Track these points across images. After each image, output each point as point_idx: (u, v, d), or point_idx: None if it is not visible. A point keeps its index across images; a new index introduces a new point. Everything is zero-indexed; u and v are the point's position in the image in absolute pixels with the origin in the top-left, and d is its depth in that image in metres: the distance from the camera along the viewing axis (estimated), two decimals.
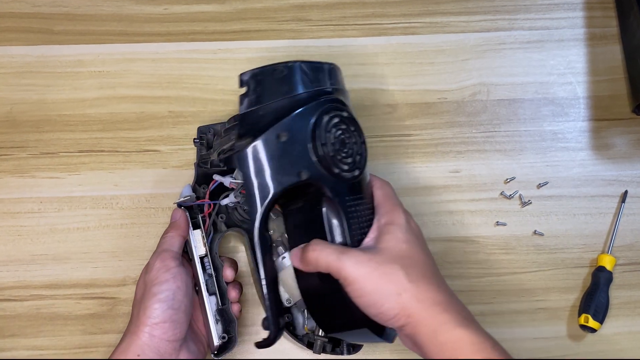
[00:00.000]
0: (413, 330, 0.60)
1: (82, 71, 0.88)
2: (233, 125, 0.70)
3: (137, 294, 0.72)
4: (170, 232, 0.73)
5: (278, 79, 0.68)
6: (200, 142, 0.77)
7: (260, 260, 0.69)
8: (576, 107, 0.89)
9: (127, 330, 0.69)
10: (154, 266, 0.69)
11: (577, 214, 0.85)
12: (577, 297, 0.83)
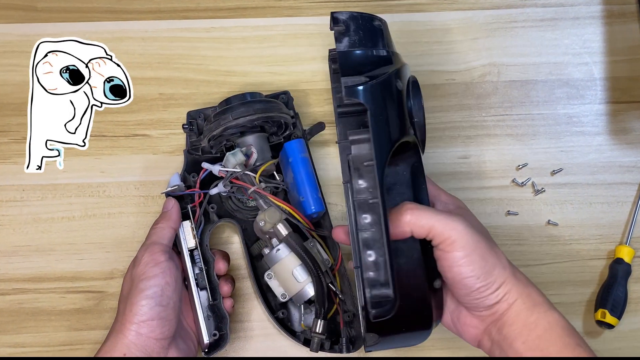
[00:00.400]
0: (505, 307, 0.60)
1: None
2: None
3: (123, 289, 0.69)
4: (160, 223, 0.71)
5: (375, 30, 0.66)
6: (189, 127, 0.76)
7: (382, 215, 0.60)
8: (592, 89, 0.86)
9: (112, 328, 0.67)
10: (142, 260, 0.67)
11: (594, 202, 0.83)
12: (593, 291, 0.81)
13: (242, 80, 0.85)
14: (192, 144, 0.76)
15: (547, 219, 0.82)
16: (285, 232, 0.70)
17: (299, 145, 0.75)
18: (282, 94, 0.78)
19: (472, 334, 0.64)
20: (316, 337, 0.69)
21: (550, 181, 0.83)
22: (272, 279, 0.73)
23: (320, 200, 0.74)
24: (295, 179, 0.74)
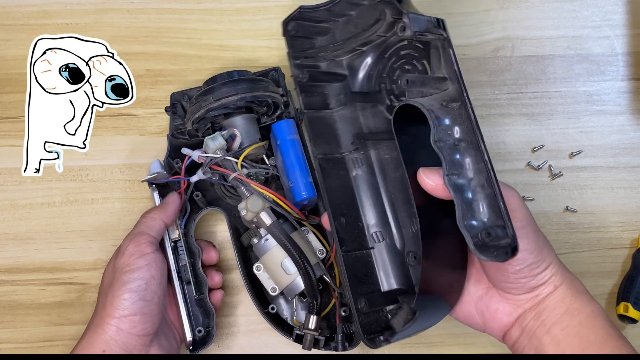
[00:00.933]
0: (549, 290, 0.59)
1: (48, 23, 0.81)
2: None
3: (104, 280, 0.67)
4: (152, 213, 0.69)
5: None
6: (173, 110, 0.73)
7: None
8: (614, 65, 0.83)
9: (91, 322, 0.64)
10: (127, 250, 0.65)
11: (616, 187, 0.80)
12: (615, 283, 0.78)
13: (236, 55, 0.81)
14: (177, 128, 0.73)
15: (565, 205, 0.80)
16: (269, 221, 0.67)
17: (287, 125, 0.72)
18: (272, 71, 0.75)
19: (502, 323, 0.62)
20: (309, 333, 0.68)
21: (569, 164, 0.81)
22: (261, 271, 0.71)
23: (311, 185, 0.71)
24: (284, 163, 0.71)
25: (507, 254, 0.53)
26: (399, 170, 0.69)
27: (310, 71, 0.72)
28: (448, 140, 0.57)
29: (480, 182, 0.56)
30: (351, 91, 0.73)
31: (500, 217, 0.54)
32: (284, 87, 0.74)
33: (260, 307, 0.71)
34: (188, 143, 0.73)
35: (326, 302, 0.71)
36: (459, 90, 0.57)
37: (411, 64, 0.67)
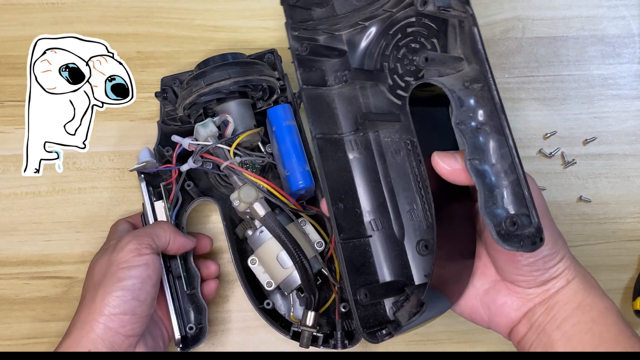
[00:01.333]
0: (562, 284, 0.58)
1: (33, 3, 0.81)
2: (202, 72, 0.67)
3: (94, 273, 0.65)
4: (166, 225, 0.68)
5: None
6: (163, 95, 0.71)
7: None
8: (630, 47, 0.82)
9: (77, 317, 0.63)
10: (127, 246, 0.63)
11: (632, 175, 0.79)
12: (631, 277, 0.77)
13: (232, 36, 0.80)
14: (168, 114, 0.72)
15: (578, 195, 0.79)
16: (262, 212, 0.65)
17: (283, 111, 0.70)
18: (268, 53, 0.73)
19: (509, 318, 0.60)
20: (307, 330, 0.66)
21: (583, 151, 0.80)
22: (256, 265, 0.69)
23: (308, 173, 0.69)
24: (280, 150, 0.69)
25: (534, 244, 0.50)
26: (400, 154, 0.67)
27: (310, 44, 0.69)
28: (470, 122, 0.54)
29: (503, 168, 0.53)
30: (351, 68, 0.70)
31: (524, 205, 0.52)
32: (281, 70, 0.73)
33: (256, 303, 0.69)
34: (180, 130, 0.71)
35: (325, 298, 0.69)
36: (481, 70, 0.54)
37: (419, 42, 0.64)
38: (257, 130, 0.69)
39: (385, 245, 0.68)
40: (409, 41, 0.66)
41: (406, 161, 0.66)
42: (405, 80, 0.66)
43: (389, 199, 0.68)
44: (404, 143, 0.66)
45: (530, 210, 0.51)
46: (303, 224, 0.69)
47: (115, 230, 0.69)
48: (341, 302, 0.68)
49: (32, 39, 0.78)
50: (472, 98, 0.54)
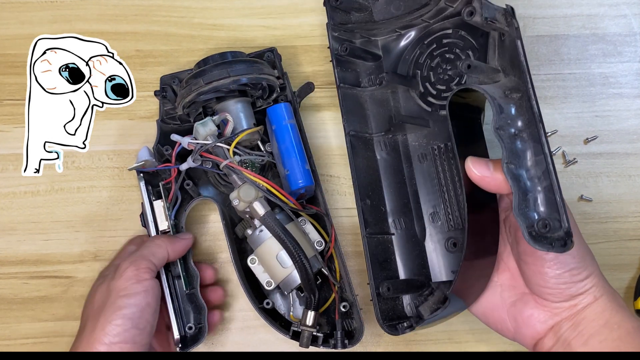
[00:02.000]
0: (589, 301, 0.58)
1: (31, 1, 0.80)
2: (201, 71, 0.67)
3: (94, 300, 0.65)
4: (160, 240, 0.67)
5: None
6: (162, 94, 0.71)
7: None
8: (632, 45, 0.81)
9: (76, 346, 0.62)
10: (125, 273, 0.63)
11: (633, 174, 0.79)
12: (632, 277, 0.76)
13: (231, 35, 0.80)
14: (167, 113, 0.72)
15: (579, 194, 0.78)
16: (262, 212, 0.65)
17: (283, 110, 0.70)
18: (267, 52, 0.73)
19: (534, 330, 0.61)
20: (306, 330, 0.66)
21: (584, 150, 0.79)
22: (256, 264, 0.69)
23: (308, 172, 0.69)
24: (280, 149, 0.69)
25: (565, 245, 0.53)
26: (427, 159, 0.70)
27: (349, 45, 0.71)
28: (509, 129, 0.57)
29: (537, 174, 0.56)
30: (384, 72, 0.72)
31: (555, 210, 0.54)
32: (280, 68, 0.73)
33: (255, 302, 0.69)
34: (179, 129, 0.71)
35: (325, 297, 0.69)
36: (521, 81, 0.57)
37: (454, 53, 0.68)
38: (256, 129, 0.69)
39: (407, 244, 0.70)
40: (443, 51, 0.69)
41: (432, 166, 0.68)
42: (437, 88, 0.69)
43: (412, 200, 0.71)
44: (431, 148, 0.69)
45: (562, 215, 0.53)
46: (303, 223, 0.69)
47: (125, 250, 0.70)
48: (341, 302, 0.68)
49: (31, 38, 0.78)
50: (512, 106, 0.57)
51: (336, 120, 0.77)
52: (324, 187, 0.75)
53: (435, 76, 0.70)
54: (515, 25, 0.57)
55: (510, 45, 0.58)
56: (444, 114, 0.67)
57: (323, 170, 0.76)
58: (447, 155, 0.68)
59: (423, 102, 0.70)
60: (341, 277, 0.69)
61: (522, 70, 0.56)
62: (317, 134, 0.77)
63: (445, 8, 0.67)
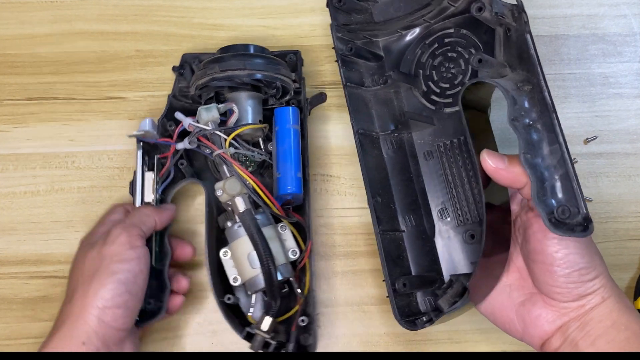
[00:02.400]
0: (597, 301, 0.58)
1: (31, 1, 0.81)
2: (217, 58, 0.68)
3: (85, 267, 0.64)
4: (147, 210, 0.68)
5: None
6: (180, 71, 0.72)
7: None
8: (631, 45, 0.81)
9: (68, 310, 0.62)
10: (119, 239, 0.63)
11: (633, 175, 0.78)
12: (632, 277, 0.75)
13: (231, 34, 0.80)
14: (181, 90, 0.72)
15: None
16: (242, 208, 0.65)
17: (289, 113, 0.70)
18: (291, 54, 0.73)
19: (542, 330, 0.61)
20: (260, 334, 0.65)
21: (584, 150, 0.79)
22: (227, 258, 0.69)
23: (299, 181, 0.69)
24: (277, 151, 0.70)
25: (585, 230, 0.54)
26: (432, 156, 0.70)
27: (354, 45, 0.72)
28: (524, 120, 0.58)
29: (553, 163, 0.57)
30: (387, 72, 0.73)
31: (573, 197, 0.55)
32: (300, 73, 0.73)
33: (218, 295, 0.68)
34: (189, 108, 0.71)
35: (289, 307, 0.69)
36: (531, 74, 0.58)
37: (456, 52, 0.69)
38: (260, 126, 0.69)
39: (417, 241, 0.70)
40: (445, 50, 0.70)
41: (439, 163, 0.70)
42: (440, 86, 0.70)
43: (420, 197, 0.71)
44: (437, 146, 0.70)
45: (579, 202, 0.55)
46: (283, 229, 0.68)
47: (107, 218, 0.69)
48: (302, 315, 0.67)
49: (31, 38, 0.78)
50: (525, 98, 0.58)
51: (336, 120, 0.77)
52: (324, 187, 0.75)
53: (438, 75, 0.70)
54: (524, 20, 0.57)
55: (518, 39, 0.59)
56: (448, 111, 0.68)
57: (323, 170, 0.76)
58: (452, 152, 0.68)
59: (427, 101, 0.71)
60: (309, 291, 0.68)
61: (532, 63, 0.57)
62: (317, 134, 0.76)
63: (447, 7, 0.68)
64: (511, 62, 0.60)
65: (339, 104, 0.77)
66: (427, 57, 0.71)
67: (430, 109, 0.70)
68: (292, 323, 0.67)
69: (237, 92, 0.70)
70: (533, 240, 0.58)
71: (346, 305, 0.73)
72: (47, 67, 0.78)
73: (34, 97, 0.77)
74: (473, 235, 0.68)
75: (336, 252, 0.74)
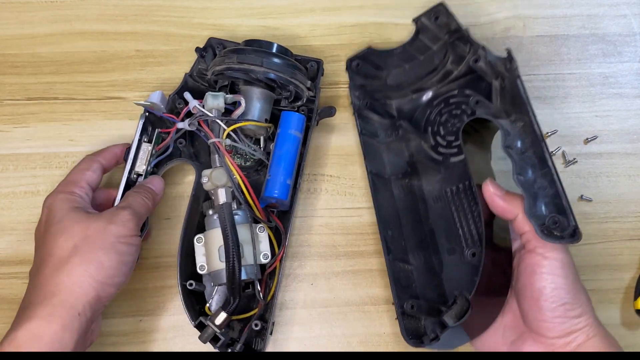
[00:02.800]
0: (582, 339, 0.60)
1: (31, 1, 0.80)
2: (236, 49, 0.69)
3: (82, 232, 0.62)
4: (148, 198, 0.67)
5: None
6: (202, 53, 0.72)
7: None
8: (631, 45, 0.81)
9: (55, 276, 0.60)
10: (128, 224, 0.63)
11: (633, 175, 0.78)
12: (632, 277, 0.75)
13: (231, 35, 0.79)
14: (199, 72, 0.73)
15: (579, 194, 0.77)
16: (222, 200, 0.64)
17: (294, 119, 0.70)
18: (312, 61, 0.73)
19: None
20: (211, 327, 0.64)
21: (584, 150, 0.78)
22: (200, 244, 0.68)
23: (287, 188, 0.68)
24: (274, 154, 0.70)
25: (574, 237, 0.59)
26: (440, 201, 0.72)
27: (370, 102, 0.76)
28: (516, 147, 0.64)
29: (544, 184, 0.62)
30: (399, 129, 0.76)
31: (563, 212, 0.60)
32: (317, 82, 0.72)
33: (182, 278, 0.68)
34: (203, 90, 0.71)
35: (251, 307, 0.69)
36: (523, 115, 0.63)
37: (460, 109, 0.72)
38: (264, 125, 0.69)
39: (425, 274, 0.72)
40: (451, 109, 0.73)
41: (446, 207, 0.71)
42: (447, 139, 0.73)
43: (429, 237, 0.73)
44: (444, 192, 0.72)
45: (568, 216, 0.59)
46: (260, 230, 0.68)
47: (81, 177, 0.67)
48: (259, 319, 0.66)
49: (31, 38, 0.78)
50: (517, 130, 0.64)
51: (336, 120, 0.77)
52: (324, 187, 0.75)
53: (445, 130, 0.73)
54: (515, 66, 0.63)
55: (510, 85, 0.64)
56: (454, 160, 0.71)
57: (323, 170, 0.76)
58: (459, 196, 0.70)
59: (435, 153, 0.73)
60: (273, 297, 0.68)
61: (524, 104, 0.63)
62: (317, 134, 0.76)
63: (451, 71, 0.73)
64: (507, 109, 0.66)
65: (339, 105, 0.77)
66: (435, 116, 0.74)
67: (438, 160, 0.73)
68: (247, 324, 0.67)
69: (250, 87, 0.69)
70: (523, 276, 0.61)
71: (346, 305, 0.72)
72: (47, 67, 0.78)
73: (34, 97, 0.77)
74: (474, 253, 0.69)
75: (336, 252, 0.74)
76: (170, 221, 0.74)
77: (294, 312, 0.72)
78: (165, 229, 0.73)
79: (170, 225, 0.73)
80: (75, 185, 0.66)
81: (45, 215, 0.64)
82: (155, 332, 0.71)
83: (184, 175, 0.75)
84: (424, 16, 0.74)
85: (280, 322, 0.72)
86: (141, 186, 0.68)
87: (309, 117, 0.71)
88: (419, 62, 0.76)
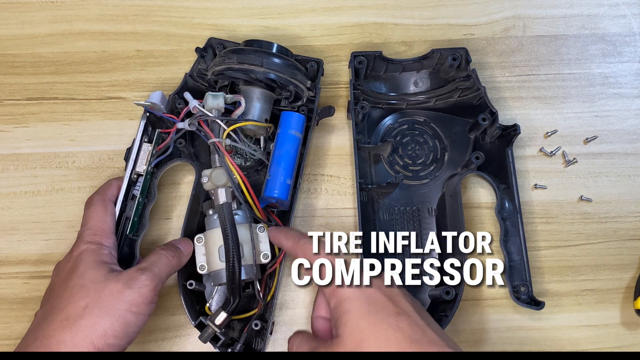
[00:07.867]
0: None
1: (32, 1, 0.81)
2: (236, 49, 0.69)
3: (96, 286, 0.61)
4: (165, 251, 0.66)
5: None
6: (202, 53, 0.72)
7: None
8: (631, 45, 0.81)
9: (57, 319, 0.60)
10: (143, 289, 0.61)
11: (633, 174, 0.78)
12: (632, 276, 0.75)
13: (231, 35, 0.79)
14: (199, 72, 0.73)
15: (579, 194, 0.77)
16: (222, 200, 0.65)
17: (294, 119, 0.70)
18: (313, 61, 0.72)
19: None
20: (211, 327, 0.64)
21: (583, 150, 0.78)
22: (200, 244, 0.68)
23: (287, 188, 0.68)
24: (273, 154, 0.70)
25: (538, 305, 0.68)
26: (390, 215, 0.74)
27: (368, 105, 0.74)
28: (503, 214, 0.71)
29: (517, 250, 0.71)
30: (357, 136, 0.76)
31: (527, 281, 0.69)
32: (317, 82, 0.72)
33: (181, 278, 0.68)
34: (203, 90, 0.72)
35: (250, 307, 0.69)
36: (507, 179, 0.72)
37: (422, 138, 0.77)
38: (264, 125, 0.69)
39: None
40: (414, 134, 0.77)
41: (391, 220, 0.74)
42: (404, 160, 0.76)
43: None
44: (395, 208, 0.74)
45: (528, 285, 0.69)
46: (261, 230, 0.67)
47: (105, 227, 0.66)
48: (259, 319, 0.66)
49: (31, 38, 0.78)
50: (505, 197, 0.72)
51: (336, 120, 0.77)
52: (324, 187, 0.75)
53: (404, 150, 0.76)
54: (510, 152, 0.71)
55: (499, 152, 0.72)
56: (407, 183, 0.75)
57: (323, 170, 0.75)
58: (406, 216, 0.74)
59: (389, 168, 0.75)
60: (272, 298, 0.68)
61: (510, 173, 0.71)
62: (317, 134, 0.76)
63: (425, 101, 0.77)
64: (488, 167, 0.73)
65: (339, 105, 0.77)
66: (397, 133, 0.76)
67: (392, 175, 0.75)
68: (247, 324, 0.67)
69: (250, 87, 0.69)
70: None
71: None
72: (47, 67, 0.78)
73: (34, 97, 0.77)
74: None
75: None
76: (170, 221, 0.73)
77: (294, 312, 0.72)
78: (165, 229, 0.73)
79: (170, 225, 0.73)
80: (103, 236, 0.65)
81: (72, 261, 0.63)
82: (155, 332, 0.71)
83: (184, 175, 0.75)
84: (443, 50, 0.74)
85: (280, 322, 0.71)
86: (169, 245, 0.67)
87: (309, 117, 0.71)
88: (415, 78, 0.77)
